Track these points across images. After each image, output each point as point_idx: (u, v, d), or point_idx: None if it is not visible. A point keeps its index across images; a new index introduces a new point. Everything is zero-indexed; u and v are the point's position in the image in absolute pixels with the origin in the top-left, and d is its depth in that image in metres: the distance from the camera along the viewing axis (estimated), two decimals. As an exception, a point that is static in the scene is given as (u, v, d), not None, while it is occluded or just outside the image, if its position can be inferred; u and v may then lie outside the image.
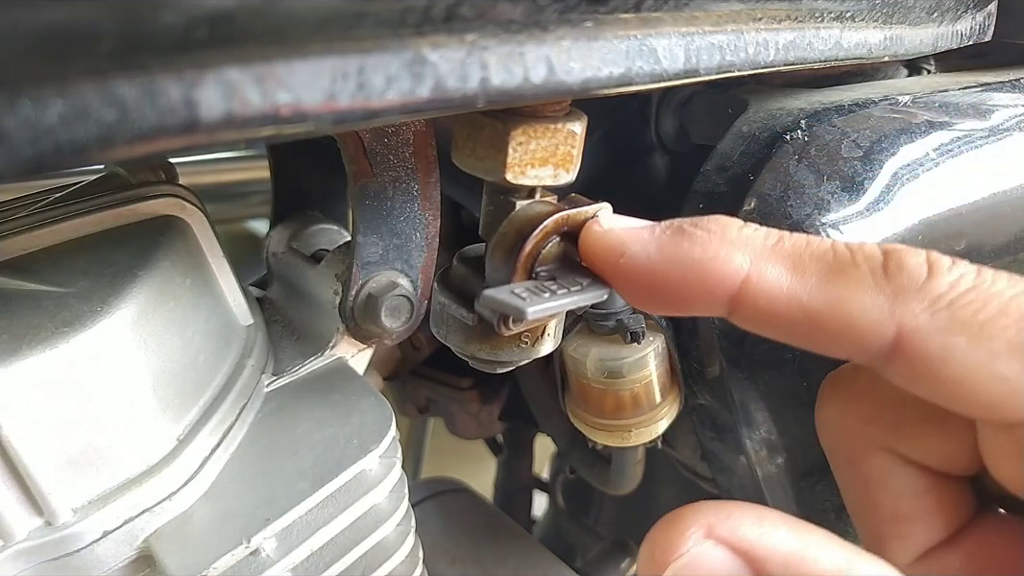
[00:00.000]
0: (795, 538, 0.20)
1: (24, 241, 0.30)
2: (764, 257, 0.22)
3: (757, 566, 0.20)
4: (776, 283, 0.21)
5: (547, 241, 0.27)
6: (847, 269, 0.21)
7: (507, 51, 0.20)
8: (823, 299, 0.21)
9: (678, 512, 0.21)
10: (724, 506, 0.21)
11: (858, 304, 0.21)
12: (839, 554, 0.20)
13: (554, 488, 0.80)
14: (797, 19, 0.29)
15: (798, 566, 0.20)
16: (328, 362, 0.38)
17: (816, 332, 0.21)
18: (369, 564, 0.33)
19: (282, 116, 0.17)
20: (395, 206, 0.35)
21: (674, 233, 0.23)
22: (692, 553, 0.21)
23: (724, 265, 0.22)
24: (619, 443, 0.40)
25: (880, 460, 0.25)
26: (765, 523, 0.21)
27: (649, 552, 0.22)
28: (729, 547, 0.20)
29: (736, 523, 0.21)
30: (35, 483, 0.26)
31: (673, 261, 0.22)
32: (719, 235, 0.22)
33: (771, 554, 0.20)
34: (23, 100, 0.14)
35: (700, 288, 0.22)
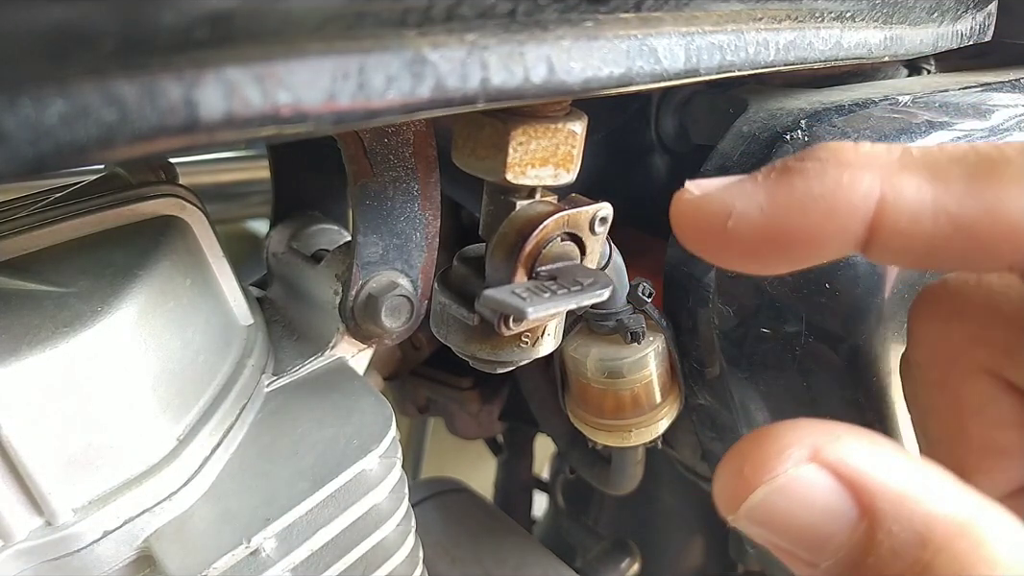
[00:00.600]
0: (912, 473, 0.17)
1: (24, 241, 0.30)
2: (895, 172, 0.19)
3: (865, 499, 0.17)
4: (917, 197, 0.18)
5: (548, 241, 0.27)
6: (998, 167, 0.18)
7: (507, 51, 0.20)
8: (976, 205, 0.18)
9: (777, 426, 0.18)
10: (833, 427, 0.18)
11: (1019, 203, 0.18)
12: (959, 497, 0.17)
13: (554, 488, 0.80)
14: (797, 19, 0.29)
15: (912, 506, 0.17)
16: (328, 362, 0.38)
17: (973, 246, 0.18)
18: (369, 564, 0.33)
19: (282, 116, 0.17)
20: (395, 206, 0.35)
21: (781, 174, 0.20)
22: (791, 475, 0.17)
23: (851, 191, 0.19)
24: (619, 443, 0.40)
25: (982, 385, 0.22)
26: (881, 453, 0.18)
27: (736, 467, 0.18)
28: (836, 474, 0.17)
29: (847, 448, 0.18)
30: (35, 483, 0.26)
31: (791, 205, 0.19)
32: (834, 161, 0.19)
33: (883, 489, 0.17)
34: (23, 100, 0.14)
35: (830, 226, 0.19)
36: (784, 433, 0.18)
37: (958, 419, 0.23)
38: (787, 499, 0.18)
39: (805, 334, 0.34)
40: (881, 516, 0.17)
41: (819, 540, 0.18)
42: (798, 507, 0.17)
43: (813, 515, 0.17)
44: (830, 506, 0.17)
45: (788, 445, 0.18)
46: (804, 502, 0.17)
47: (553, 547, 0.56)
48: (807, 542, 0.18)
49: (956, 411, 0.23)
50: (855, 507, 0.17)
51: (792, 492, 0.17)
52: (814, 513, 0.17)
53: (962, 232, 0.18)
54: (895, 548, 0.16)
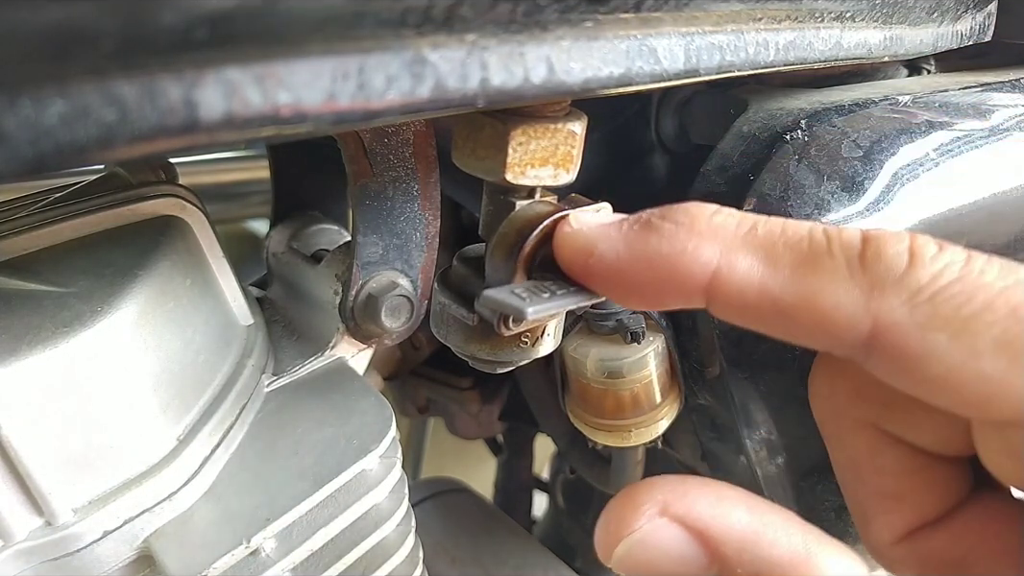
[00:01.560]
0: (753, 519, 0.20)
1: (24, 241, 0.30)
2: (735, 248, 0.21)
3: (712, 546, 0.20)
4: (746, 276, 0.21)
5: (547, 241, 0.27)
6: (821, 259, 0.20)
7: (507, 51, 0.20)
8: (795, 292, 0.20)
9: (635, 486, 0.21)
10: (682, 482, 0.21)
11: (831, 297, 0.20)
12: (798, 537, 0.19)
13: (554, 488, 0.80)
14: (797, 19, 0.29)
15: (754, 548, 0.19)
16: (328, 362, 0.38)
17: (790, 325, 0.21)
18: (369, 564, 0.33)
19: (282, 116, 0.17)
20: (395, 206, 0.35)
21: (641, 228, 0.22)
22: (645, 530, 0.20)
23: (692, 259, 0.21)
24: (619, 443, 0.40)
25: (868, 437, 0.24)
26: (723, 502, 0.20)
27: (605, 525, 0.21)
28: (683, 525, 0.20)
29: (692, 501, 0.20)
30: (35, 483, 0.26)
31: (641, 258, 0.22)
32: (687, 227, 0.21)
33: (727, 534, 0.19)
34: (23, 100, 0.14)
35: (671, 283, 0.21)
36: (641, 491, 0.21)
37: (853, 469, 0.25)
38: (645, 550, 0.20)
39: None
40: (727, 560, 0.19)
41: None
42: (655, 556, 0.20)
43: (671, 562, 0.20)
44: (682, 554, 0.20)
45: (642, 503, 0.20)
46: (659, 551, 0.20)
47: (553, 547, 0.56)
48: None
49: (851, 462, 0.25)
50: (704, 553, 0.20)
51: (648, 544, 0.20)
52: (671, 560, 0.20)
53: (784, 313, 0.20)
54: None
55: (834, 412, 0.25)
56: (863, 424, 0.24)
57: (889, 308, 0.19)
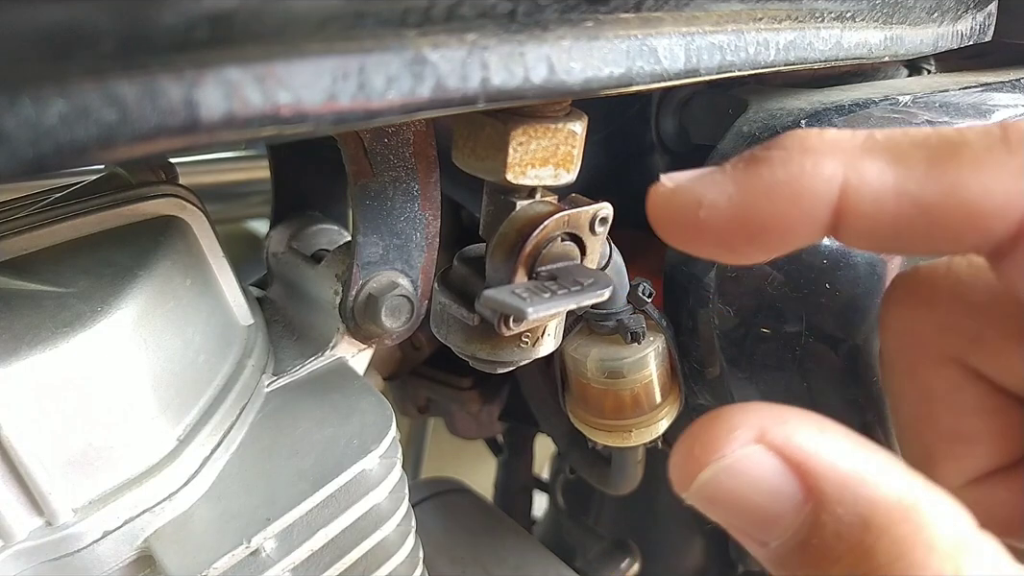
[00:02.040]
0: (857, 456, 0.18)
1: (24, 241, 0.30)
2: (858, 157, 0.19)
3: (810, 481, 0.17)
4: (879, 181, 0.19)
5: (548, 241, 0.27)
6: (959, 149, 0.18)
7: (507, 51, 0.20)
8: (937, 187, 0.18)
9: (726, 409, 0.19)
10: (781, 410, 0.18)
11: (977, 185, 0.18)
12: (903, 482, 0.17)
13: (554, 488, 0.80)
14: (797, 19, 0.29)
15: (856, 489, 0.17)
16: (328, 362, 0.38)
17: (936, 229, 0.18)
18: (369, 564, 0.33)
19: (282, 116, 0.17)
20: (395, 206, 0.35)
21: (749, 163, 0.20)
22: (737, 455, 0.18)
23: (814, 178, 0.19)
24: (619, 443, 0.40)
25: (949, 372, 0.23)
26: (825, 435, 0.18)
27: (687, 448, 0.19)
28: (781, 455, 0.18)
29: (792, 430, 0.18)
30: (35, 483, 0.26)
31: (758, 193, 0.19)
32: (799, 148, 0.19)
33: (828, 471, 0.17)
34: (23, 100, 0.13)
35: (796, 212, 0.19)
36: (733, 415, 0.18)
37: (927, 407, 0.23)
38: (734, 479, 0.18)
39: (805, 334, 0.34)
40: (825, 498, 0.17)
41: (767, 520, 0.18)
42: (745, 487, 0.18)
43: (760, 495, 0.18)
44: (776, 487, 0.18)
45: (736, 427, 0.18)
46: (750, 482, 0.18)
47: (553, 547, 0.56)
48: (755, 521, 0.18)
49: (924, 399, 0.23)
50: (800, 489, 0.17)
51: (738, 472, 0.18)
52: (760, 493, 0.18)
53: (925, 214, 0.18)
54: (839, 530, 0.17)
55: (914, 343, 0.23)
56: (946, 358, 0.23)
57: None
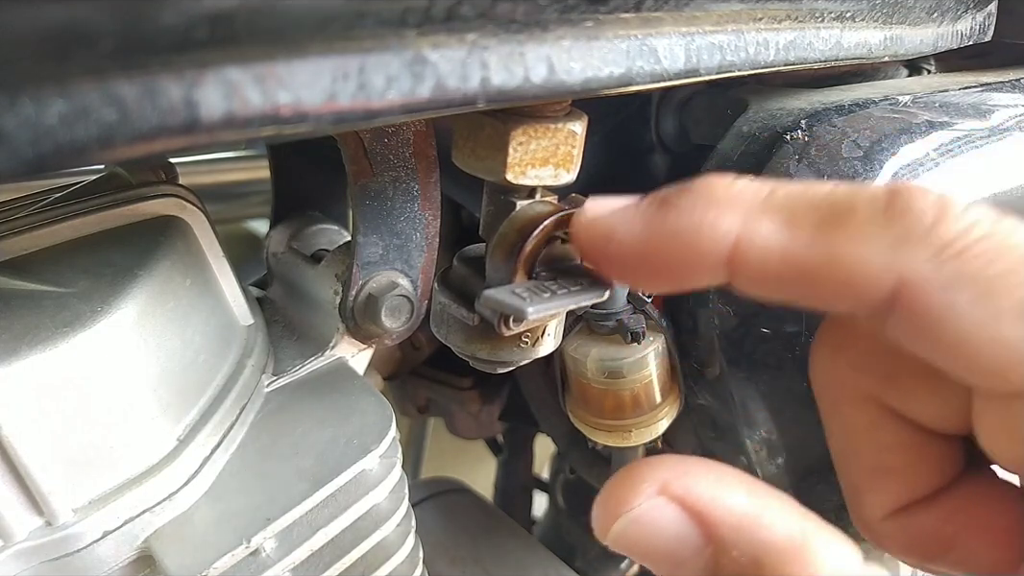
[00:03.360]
0: (752, 502, 0.19)
1: (24, 241, 0.30)
2: (755, 215, 0.20)
3: (709, 528, 0.19)
4: (769, 241, 0.20)
5: (548, 241, 0.27)
6: (845, 216, 0.19)
7: (507, 51, 0.20)
8: (819, 252, 0.19)
9: (636, 464, 0.21)
10: (682, 462, 0.20)
11: (856, 254, 0.19)
12: (795, 523, 0.19)
13: (554, 488, 0.80)
14: (797, 19, 0.29)
15: (751, 531, 0.19)
16: (328, 362, 0.38)
17: (815, 288, 0.20)
18: (369, 564, 0.33)
19: (282, 116, 0.17)
20: (395, 206, 0.35)
21: (659, 206, 0.21)
22: (642, 508, 0.20)
23: (712, 231, 0.20)
24: (619, 443, 0.40)
25: (867, 410, 0.24)
26: (722, 484, 0.20)
27: (603, 501, 0.21)
28: (682, 505, 0.20)
29: (692, 481, 0.20)
30: (35, 483, 0.26)
31: (661, 235, 0.21)
32: (705, 198, 0.21)
33: (724, 516, 0.19)
34: (23, 100, 0.13)
35: (694, 258, 0.21)
36: (641, 470, 0.20)
37: (850, 442, 0.25)
38: (641, 528, 0.20)
39: (805, 334, 0.34)
40: (722, 542, 0.19)
41: (674, 563, 0.20)
42: (651, 534, 0.20)
43: (666, 541, 0.20)
44: (678, 534, 0.20)
45: (642, 481, 0.20)
46: (655, 530, 0.20)
47: (553, 547, 0.57)
48: (664, 564, 0.20)
49: (847, 435, 0.25)
50: (700, 534, 0.19)
51: (644, 522, 0.20)
52: (667, 540, 0.20)
53: (806, 276, 0.20)
54: (736, 571, 0.19)
55: (835, 383, 0.25)
56: (864, 396, 0.24)
57: (915, 264, 0.18)
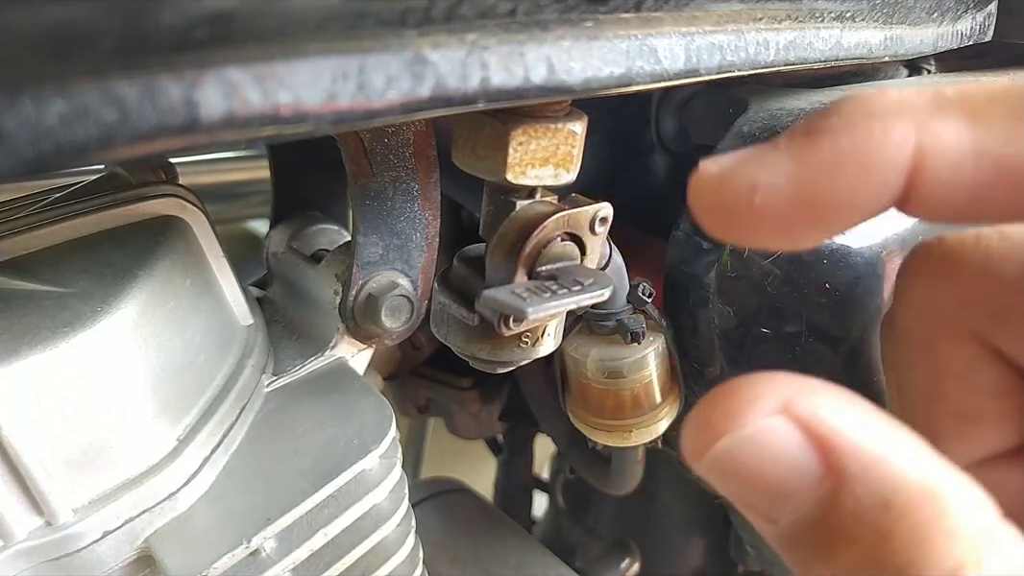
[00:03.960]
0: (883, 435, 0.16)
1: (24, 241, 0.30)
2: (930, 117, 0.17)
3: (833, 459, 0.16)
4: (956, 142, 0.17)
5: (548, 241, 0.27)
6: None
7: (507, 51, 0.20)
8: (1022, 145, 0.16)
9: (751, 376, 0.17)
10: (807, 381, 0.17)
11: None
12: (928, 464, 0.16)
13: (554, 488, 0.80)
14: (797, 19, 0.29)
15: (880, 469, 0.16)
16: (328, 362, 0.38)
17: (1019, 191, 0.17)
18: (369, 564, 0.33)
19: (282, 116, 0.17)
20: (395, 206, 0.35)
21: (807, 136, 0.18)
22: (759, 426, 0.17)
23: (884, 144, 0.17)
24: (619, 443, 0.40)
25: (966, 349, 0.21)
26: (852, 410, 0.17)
27: (705, 416, 0.17)
28: (805, 429, 0.16)
29: (818, 403, 0.17)
30: (35, 483, 0.26)
31: (821, 168, 0.17)
32: (862, 113, 0.17)
33: (852, 449, 0.16)
34: (23, 100, 0.13)
35: (866, 184, 0.17)
36: (757, 384, 0.17)
37: (938, 383, 0.22)
38: (752, 450, 0.17)
39: (805, 334, 0.34)
40: (847, 477, 0.16)
41: (780, 495, 0.17)
42: (762, 459, 0.17)
43: (777, 469, 0.17)
44: (795, 461, 0.17)
45: (759, 396, 0.17)
46: (769, 455, 0.17)
47: (553, 547, 0.57)
48: (768, 496, 0.17)
49: (936, 375, 0.22)
50: (821, 465, 0.16)
51: (758, 443, 0.17)
52: (778, 467, 0.17)
53: (1008, 176, 0.17)
54: (857, 511, 0.16)
55: (933, 317, 0.22)
56: (965, 333, 0.21)
57: None
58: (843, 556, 0.16)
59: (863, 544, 0.16)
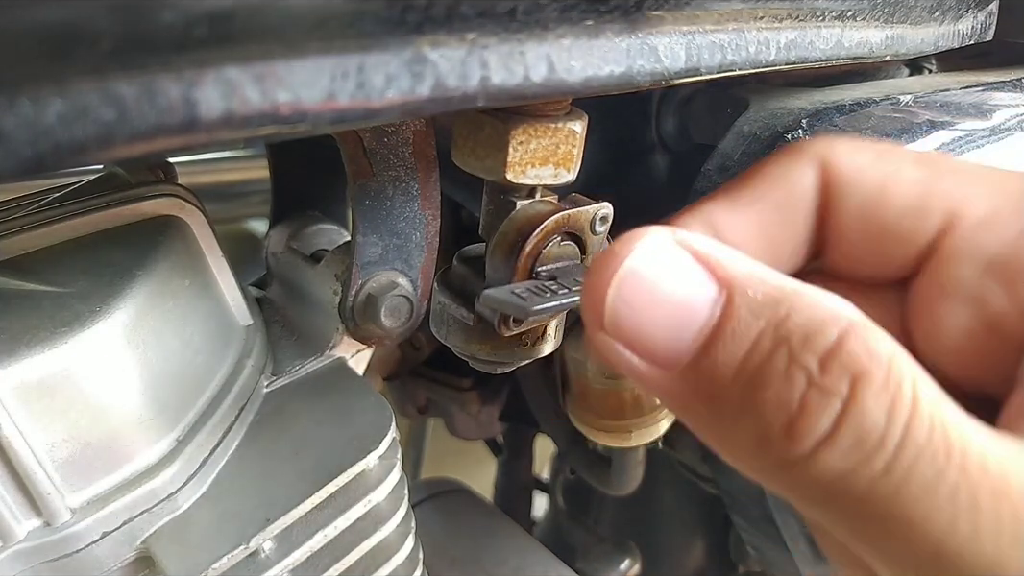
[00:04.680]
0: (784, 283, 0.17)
1: (24, 241, 0.30)
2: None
3: (719, 272, 0.18)
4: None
5: (548, 241, 0.27)
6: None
7: (507, 50, 0.20)
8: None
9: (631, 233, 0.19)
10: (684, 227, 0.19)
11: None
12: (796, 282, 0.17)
13: (554, 488, 0.81)
14: (799, 18, 0.29)
15: (763, 278, 0.17)
16: (328, 362, 0.38)
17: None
18: (369, 565, 0.33)
19: (282, 115, 0.17)
20: (395, 206, 0.35)
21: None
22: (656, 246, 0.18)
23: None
24: (619, 444, 0.40)
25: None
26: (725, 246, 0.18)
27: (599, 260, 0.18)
28: (694, 253, 0.18)
29: (696, 237, 0.18)
30: (34, 483, 0.26)
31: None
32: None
33: (735, 263, 0.18)
34: (23, 100, 0.13)
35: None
36: (642, 229, 0.18)
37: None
38: (642, 278, 0.18)
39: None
40: (738, 283, 0.17)
41: (686, 315, 0.18)
42: (655, 283, 0.18)
43: (677, 288, 0.18)
44: (691, 279, 0.18)
45: (648, 231, 0.18)
46: (670, 274, 0.18)
47: (553, 547, 0.56)
48: (672, 320, 0.18)
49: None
50: (713, 279, 0.18)
51: (660, 262, 0.18)
52: (679, 287, 0.18)
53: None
54: (752, 308, 0.17)
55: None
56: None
57: None
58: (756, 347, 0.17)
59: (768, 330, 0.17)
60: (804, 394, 0.16)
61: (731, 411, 0.17)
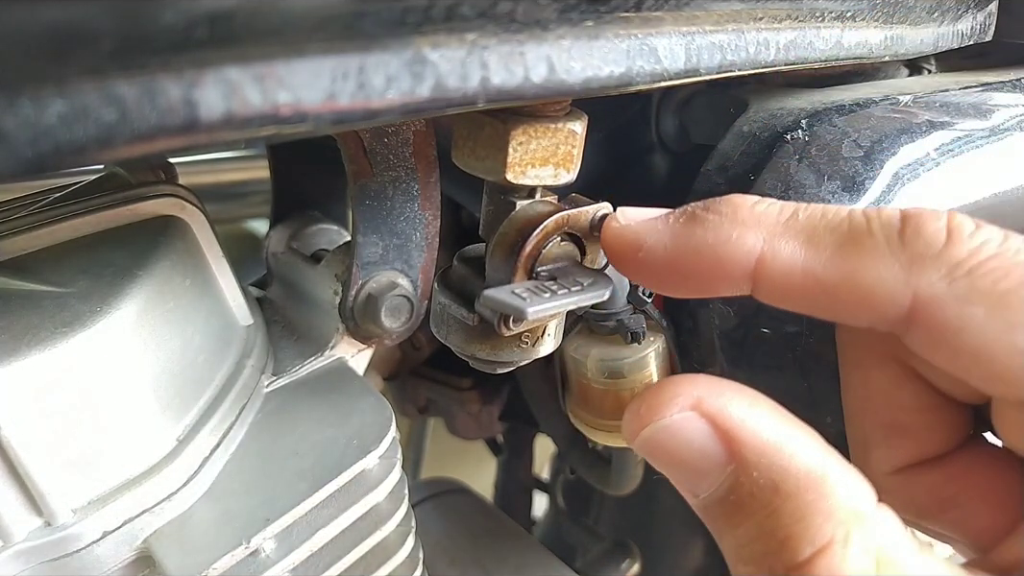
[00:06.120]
0: (779, 430, 0.20)
1: (24, 241, 0.30)
2: (777, 234, 0.22)
3: (734, 446, 0.20)
4: (790, 259, 0.21)
5: (548, 241, 0.27)
6: (862, 239, 0.21)
7: (507, 50, 0.20)
8: (838, 271, 0.21)
9: (674, 379, 0.22)
10: (718, 383, 0.21)
11: (872, 274, 0.21)
12: (817, 455, 0.20)
13: (554, 488, 0.80)
14: (798, 19, 0.29)
15: (772, 457, 0.20)
16: (328, 362, 0.38)
17: (834, 304, 0.21)
18: (369, 565, 0.33)
19: (282, 116, 0.17)
20: (395, 206, 0.35)
21: (687, 220, 0.23)
22: (673, 419, 0.21)
23: (737, 247, 0.22)
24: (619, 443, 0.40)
25: (891, 370, 0.25)
26: (754, 409, 0.21)
27: (636, 408, 0.22)
28: (712, 422, 0.21)
29: (725, 401, 0.21)
30: (35, 483, 0.26)
31: (688, 249, 0.23)
32: (731, 217, 0.22)
33: (750, 439, 0.20)
34: (23, 100, 0.13)
35: (718, 271, 0.22)
36: (677, 384, 0.22)
37: (869, 398, 0.26)
38: (669, 437, 0.21)
39: (805, 334, 0.34)
40: (745, 462, 0.20)
41: (696, 474, 0.21)
42: (678, 445, 0.21)
43: (691, 453, 0.21)
44: (704, 448, 0.21)
45: (678, 394, 0.21)
46: (682, 441, 0.21)
47: (553, 547, 0.56)
48: (687, 475, 0.21)
49: (868, 391, 0.26)
50: (725, 452, 0.21)
51: (673, 432, 0.21)
52: (692, 452, 0.21)
53: (828, 292, 0.21)
54: (753, 491, 0.20)
55: (864, 341, 0.26)
56: (888, 356, 0.25)
57: (928, 283, 0.20)
58: (742, 528, 0.20)
59: (757, 519, 0.20)
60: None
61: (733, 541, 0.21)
